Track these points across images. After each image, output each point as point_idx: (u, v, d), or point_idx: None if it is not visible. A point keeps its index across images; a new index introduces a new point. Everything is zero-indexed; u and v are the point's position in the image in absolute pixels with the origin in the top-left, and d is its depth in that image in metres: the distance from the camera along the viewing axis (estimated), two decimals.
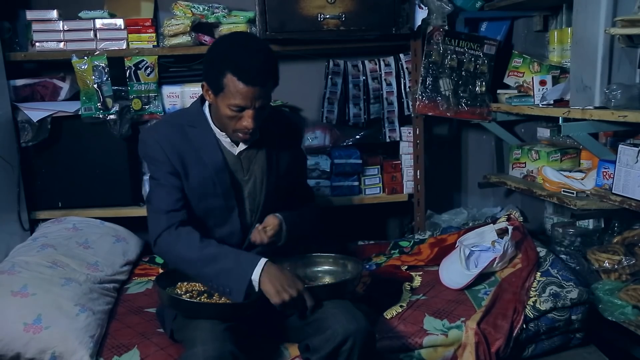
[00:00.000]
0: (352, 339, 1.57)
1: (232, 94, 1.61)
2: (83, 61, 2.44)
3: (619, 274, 2.18)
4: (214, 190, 1.75)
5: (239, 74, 1.59)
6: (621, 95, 1.92)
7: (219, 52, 1.66)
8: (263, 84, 1.62)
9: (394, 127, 2.81)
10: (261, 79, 1.61)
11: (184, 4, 2.53)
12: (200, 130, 1.76)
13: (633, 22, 1.84)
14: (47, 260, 2.06)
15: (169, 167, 1.72)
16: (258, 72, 1.61)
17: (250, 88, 1.60)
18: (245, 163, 1.80)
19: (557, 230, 2.62)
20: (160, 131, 1.77)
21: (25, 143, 2.44)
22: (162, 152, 1.72)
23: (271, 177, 1.82)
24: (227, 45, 1.67)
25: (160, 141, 1.73)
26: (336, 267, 1.92)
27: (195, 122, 1.77)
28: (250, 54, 1.61)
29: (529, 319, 1.93)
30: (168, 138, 1.73)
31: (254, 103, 1.62)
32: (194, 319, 1.61)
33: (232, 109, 1.63)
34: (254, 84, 1.60)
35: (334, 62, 2.76)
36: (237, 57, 1.61)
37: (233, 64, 1.60)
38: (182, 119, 1.80)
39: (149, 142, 1.74)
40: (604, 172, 2.17)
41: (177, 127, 1.76)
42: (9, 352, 1.77)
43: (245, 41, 1.67)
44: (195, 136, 1.75)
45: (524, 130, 3.00)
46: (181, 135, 1.75)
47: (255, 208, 1.83)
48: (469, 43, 2.68)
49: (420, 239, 2.56)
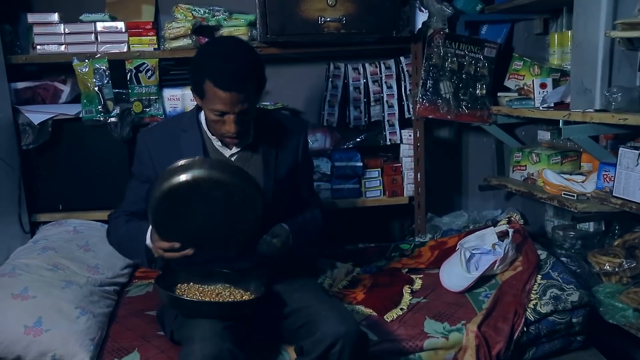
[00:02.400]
0: (341, 341, 1.57)
1: (211, 100, 1.63)
2: (84, 64, 2.44)
3: (619, 276, 2.18)
4: None
5: (215, 80, 1.60)
6: (621, 98, 1.92)
7: (199, 59, 1.69)
8: (240, 89, 1.61)
9: (394, 129, 2.81)
10: (237, 85, 1.61)
11: (184, 7, 2.54)
12: (190, 134, 1.79)
13: (633, 25, 1.84)
14: (48, 263, 2.06)
15: (148, 171, 1.79)
16: (234, 78, 1.60)
17: (227, 94, 1.60)
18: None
19: (557, 233, 2.62)
20: (154, 135, 1.85)
21: (26, 146, 2.44)
22: (147, 155, 1.80)
23: (269, 182, 1.80)
24: (206, 51, 1.70)
25: (149, 144, 1.81)
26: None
27: (187, 126, 1.80)
28: (227, 59, 1.62)
29: (529, 321, 1.93)
30: (159, 142, 1.80)
31: (233, 108, 1.63)
32: (193, 317, 1.62)
33: (215, 114, 1.65)
34: (230, 89, 1.60)
35: (335, 64, 2.76)
36: (214, 63, 1.62)
37: (210, 70, 1.61)
38: (177, 122, 1.85)
39: (140, 143, 1.84)
40: (605, 175, 2.17)
41: (171, 131, 1.81)
42: (9, 354, 1.77)
43: (224, 47, 1.68)
44: (184, 141, 1.78)
45: (524, 133, 3.00)
46: (172, 140, 1.79)
47: None
48: (470, 46, 2.68)
49: (421, 242, 2.56)
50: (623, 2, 1.97)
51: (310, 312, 1.67)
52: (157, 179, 1.60)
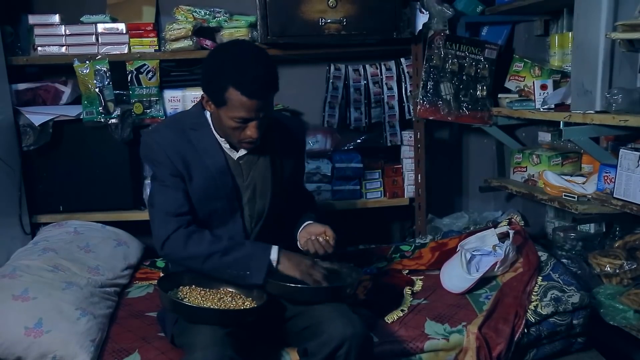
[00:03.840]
0: (348, 343, 1.56)
1: (235, 108, 1.60)
2: (85, 65, 2.44)
3: (620, 278, 2.18)
4: (216, 193, 1.75)
5: (242, 89, 1.57)
6: (622, 100, 1.92)
7: (219, 65, 1.63)
8: (266, 95, 1.62)
9: (395, 131, 2.81)
10: (264, 91, 1.61)
11: (185, 9, 2.54)
12: (202, 133, 1.75)
13: (634, 26, 1.84)
14: (48, 264, 2.06)
15: (171, 169, 1.72)
16: (261, 85, 1.60)
17: (255, 101, 1.59)
18: (245, 169, 1.79)
19: (558, 235, 2.62)
20: (162, 133, 1.76)
21: (27, 147, 2.44)
22: (164, 154, 1.71)
23: (276, 185, 1.81)
24: (227, 58, 1.63)
25: (161, 143, 1.72)
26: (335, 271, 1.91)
27: (196, 125, 1.76)
28: (252, 66, 1.59)
29: (530, 323, 1.93)
30: (170, 140, 1.73)
31: (258, 114, 1.62)
32: (195, 323, 1.61)
33: (236, 121, 1.63)
34: (257, 96, 1.59)
35: (335, 66, 2.77)
36: (239, 71, 1.58)
37: (235, 78, 1.58)
38: (183, 122, 1.79)
39: (151, 144, 1.74)
40: (605, 177, 2.17)
41: (179, 129, 1.75)
42: (9, 356, 1.77)
43: (245, 53, 1.64)
44: (197, 139, 1.74)
45: (525, 134, 3.00)
46: (183, 137, 1.74)
47: (254, 214, 1.81)
48: (470, 47, 2.68)
49: (422, 243, 2.56)
50: (623, 3, 1.97)
51: (315, 314, 1.66)
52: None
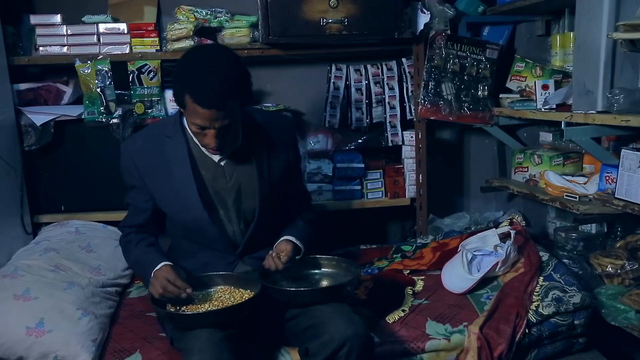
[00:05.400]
0: (349, 343, 1.56)
1: (191, 114, 1.60)
2: (86, 65, 2.44)
3: (621, 278, 2.18)
4: (181, 205, 1.76)
5: (195, 97, 1.56)
6: (624, 100, 1.92)
7: (180, 70, 1.63)
8: (221, 107, 1.57)
9: (396, 131, 2.81)
10: (218, 102, 1.56)
11: (187, 9, 2.54)
12: (175, 140, 1.76)
13: (635, 26, 1.84)
14: (50, 264, 2.06)
15: (133, 180, 1.79)
16: (214, 96, 1.55)
17: (207, 111, 1.56)
18: (228, 170, 1.77)
19: (559, 235, 2.62)
20: (136, 144, 1.80)
21: (28, 147, 2.44)
22: (134, 166, 1.78)
23: (264, 185, 1.79)
24: (188, 64, 1.62)
25: (133, 155, 1.78)
26: (334, 270, 1.91)
27: (171, 132, 1.77)
28: (208, 75, 1.56)
29: (531, 323, 1.93)
30: (143, 151, 1.77)
31: (213, 124, 1.59)
32: (192, 330, 1.60)
33: (196, 127, 1.62)
34: (210, 107, 1.56)
35: (337, 66, 2.77)
36: (195, 79, 1.56)
37: (190, 85, 1.57)
38: (161, 128, 1.81)
39: (122, 152, 1.81)
40: (607, 177, 2.17)
41: (155, 138, 1.78)
42: (11, 355, 1.77)
43: (206, 60, 1.60)
44: (169, 148, 1.75)
45: (526, 134, 3.00)
46: (157, 147, 1.76)
47: (242, 215, 1.80)
48: (472, 47, 2.68)
49: (423, 243, 2.56)
50: (625, 3, 1.97)
51: (316, 314, 1.66)
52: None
